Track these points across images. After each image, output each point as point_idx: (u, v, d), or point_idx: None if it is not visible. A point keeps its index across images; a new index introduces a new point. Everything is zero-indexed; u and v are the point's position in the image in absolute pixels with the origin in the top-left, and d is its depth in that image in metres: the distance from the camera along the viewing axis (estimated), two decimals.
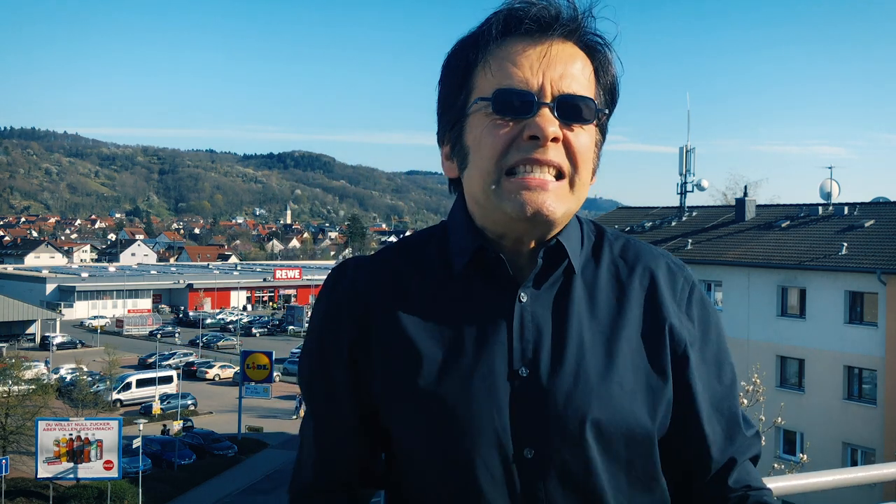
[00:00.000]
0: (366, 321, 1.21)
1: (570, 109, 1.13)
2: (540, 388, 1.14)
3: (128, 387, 45.90)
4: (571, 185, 1.15)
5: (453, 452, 1.14)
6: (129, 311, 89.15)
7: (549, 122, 1.11)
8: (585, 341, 1.17)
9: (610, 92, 1.21)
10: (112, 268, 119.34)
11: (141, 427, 32.04)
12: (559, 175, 1.13)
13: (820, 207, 29.68)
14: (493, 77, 1.14)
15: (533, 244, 1.19)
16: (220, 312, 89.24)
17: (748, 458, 1.26)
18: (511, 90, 1.12)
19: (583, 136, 1.15)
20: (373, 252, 1.33)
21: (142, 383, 46.30)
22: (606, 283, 1.22)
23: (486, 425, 1.13)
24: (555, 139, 1.11)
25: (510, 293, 1.18)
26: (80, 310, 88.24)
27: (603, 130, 1.22)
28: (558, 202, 1.13)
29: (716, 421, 1.23)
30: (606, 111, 1.20)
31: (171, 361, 55.04)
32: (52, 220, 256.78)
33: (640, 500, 1.18)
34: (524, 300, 1.18)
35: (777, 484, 2.20)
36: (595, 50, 1.19)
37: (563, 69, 1.13)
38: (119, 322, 79.41)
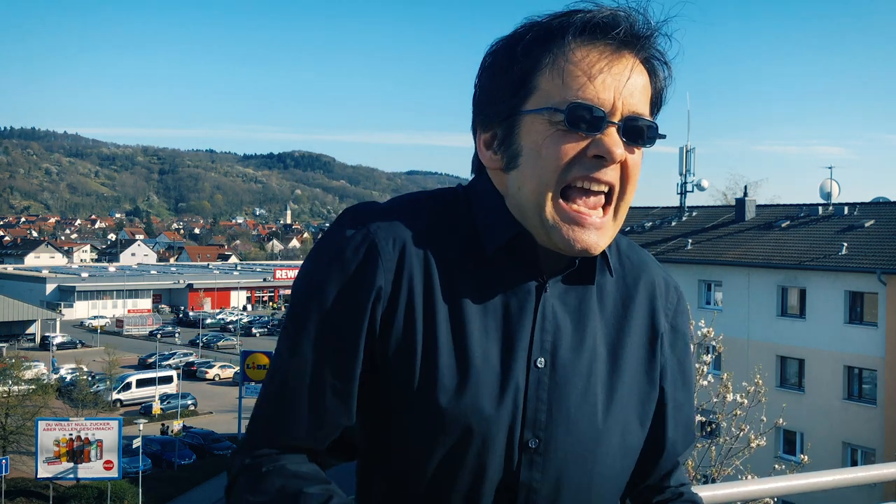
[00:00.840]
0: (398, 280, 1.13)
1: (636, 132, 1.13)
2: (554, 381, 1.16)
3: (128, 387, 45.93)
4: (617, 208, 1.16)
5: (463, 433, 1.12)
6: (129, 311, 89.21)
7: (616, 144, 1.11)
8: (596, 342, 1.20)
9: (658, 106, 1.22)
10: (112, 268, 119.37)
11: (141, 427, 32.05)
12: (609, 193, 1.14)
13: (820, 207, 29.69)
14: (563, 85, 1.11)
15: None
16: (220, 312, 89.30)
17: (686, 459, 1.34)
18: (585, 105, 1.10)
19: (637, 157, 1.16)
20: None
21: (142, 383, 46.33)
22: (614, 285, 1.25)
23: (504, 410, 1.13)
24: (620, 161, 1.13)
25: (537, 284, 1.18)
26: (80, 310, 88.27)
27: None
28: (605, 238, 1.15)
29: (680, 426, 1.30)
30: (663, 134, 1.20)
31: (171, 361, 55.08)
32: (52, 220, 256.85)
33: (621, 495, 1.26)
34: (548, 292, 1.19)
35: (777, 484, 2.20)
36: (656, 67, 1.18)
37: (632, 88, 1.13)
38: (119, 322, 79.46)
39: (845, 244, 25.96)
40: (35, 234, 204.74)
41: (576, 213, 1.12)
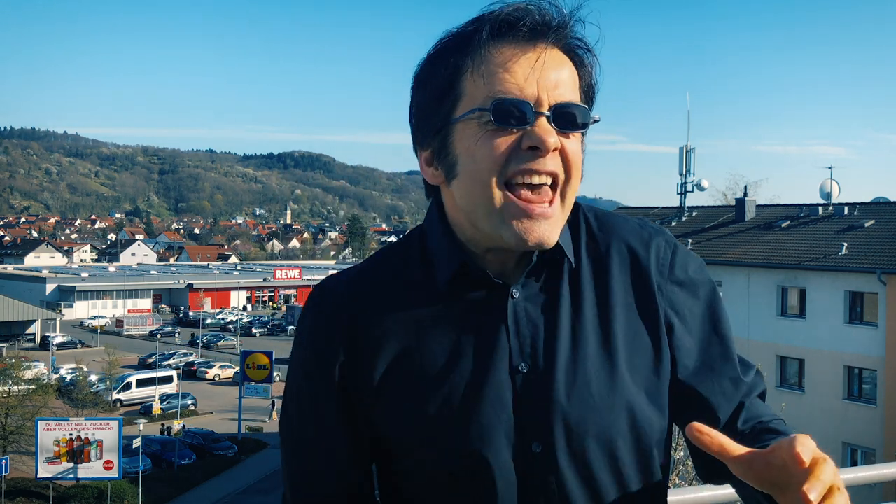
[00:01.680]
0: (354, 337, 1.18)
1: (567, 118, 1.12)
2: (540, 383, 1.14)
3: (128, 387, 45.90)
4: (563, 196, 1.14)
5: (464, 455, 1.12)
6: (129, 311, 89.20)
7: (548, 133, 1.09)
8: (578, 330, 1.16)
9: (591, 94, 1.20)
10: (112, 268, 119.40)
11: (141, 427, 32.05)
12: (553, 183, 1.12)
13: (820, 207, 29.68)
14: (484, 85, 1.11)
15: (518, 255, 1.19)
16: (220, 312, 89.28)
17: (754, 396, 1.24)
18: (509, 100, 1.09)
19: (575, 143, 1.14)
20: (354, 265, 1.29)
21: (142, 383, 46.30)
22: (587, 265, 1.21)
23: (494, 423, 1.12)
24: (554, 149, 1.11)
25: (501, 293, 1.17)
26: (80, 310, 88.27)
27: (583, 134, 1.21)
28: (556, 227, 1.13)
29: (713, 381, 1.21)
30: (597, 117, 1.19)
31: (171, 361, 55.06)
32: (52, 220, 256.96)
33: (647, 481, 1.19)
34: (516, 296, 1.17)
35: None
36: (579, 55, 1.17)
37: (556, 77, 1.12)
38: (119, 322, 79.43)
39: (845, 244, 25.95)
40: (35, 234, 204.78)
41: (524, 205, 1.10)
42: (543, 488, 1.13)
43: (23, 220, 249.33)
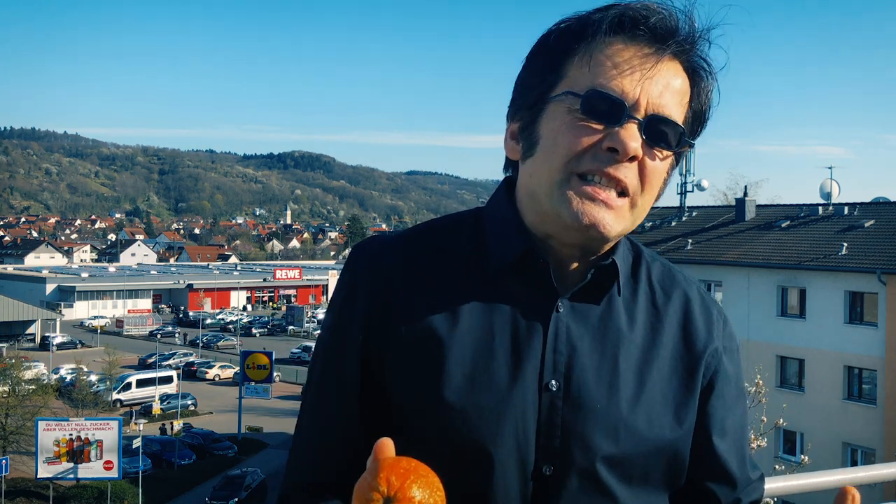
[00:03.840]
0: (387, 304, 1.13)
1: (658, 132, 1.07)
2: (569, 404, 1.09)
3: (128, 387, 45.92)
4: (633, 205, 1.09)
5: (472, 460, 1.08)
6: (129, 311, 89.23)
7: (632, 139, 1.04)
8: (620, 365, 1.12)
9: (700, 118, 1.14)
10: (112, 268, 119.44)
11: (141, 427, 32.06)
12: (623, 192, 1.08)
13: (820, 207, 29.68)
14: (589, 73, 1.07)
15: (577, 255, 1.15)
16: (220, 312, 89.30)
17: (751, 500, 1.22)
18: (605, 94, 1.05)
19: (659, 162, 1.09)
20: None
21: (142, 383, 46.32)
22: (643, 307, 1.18)
23: (509, 436, 1.07)
24: (633, 158, 1.06)
25: (549, 302, 1.12)
26: (80, 310, 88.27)
27: (678, 157, 1.15)
28: (617, 221, 1.08)
29: (733, 453, 1.20)
30: (692, 141, 1.14)
31: (171, 361, 55.07)
32: (52, 220, 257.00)
33: None
34: (561, 311, 1.12)
35: (777, 484, 2.20)
36: (699, 75, 1.12)
37: (663, 88, 1.07)
38: (119, 322, 79.46)
39: (845, 244, 25.96)
40: (35, 234, 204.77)
41: (587, 188, 1.06)
42: None
43: (23, 220, 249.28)
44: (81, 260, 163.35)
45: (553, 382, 1.09)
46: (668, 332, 1.17)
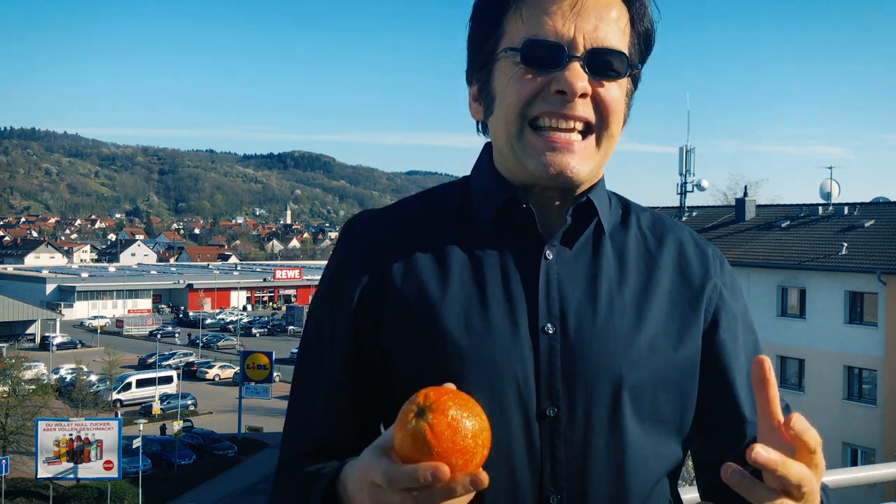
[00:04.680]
0: (381, 269, 1.15)
1: (602, 64, 1.09)
2: (567, 346, 1.10)
3: (128, 387, 45.92)
4: (599, 140, 1.12)
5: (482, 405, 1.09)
6: (129, 311, 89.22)
7: (577, 77, 1.07)
8: (615, 302, 1.13)
9: (645, 40, 1.16)
10: (112, 268, 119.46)
11: (141, 427, 32.06)
12: (586, 129, 1.10)
13: (820, 207, 29.69)
14: (523, 24, 1.10)
15: (559, 201, 1.17)
16: (220, 312, 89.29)
17: None
18: (540, 41, 1.08)
19: (613, 90, 1.11)
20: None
21: (142, 383, 46.31)
22: (635, 250, 1.20)
23: (509, 381, 1.08)
24: (583, 95, 1.08)
25: (536, 249, 1.15)
26: (80, 310, 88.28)
27: (635, 80, 1.17)
28: (583, 163, 1.10)
29: (745, 385, 1.18)
30: (639, 65, 1.16)
31: (171, 361, 55.07)
32: (52, 220, 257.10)
33: (664, 452, 1.14)
34: (550, 257, 1.14)
35: None
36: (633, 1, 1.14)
37: (596, 20, 1.09)
38: (119, 322, 79.46)
39: (845, 244, 25.96)
40: (35, 234, 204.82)
41: (546, 138, 1.09)
42: (551, 453, 1.09)
43: (23, 220, 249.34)
44: (81, 260, 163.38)
45: (549, 326, 1.11)
46: (663, 272, 1.18)
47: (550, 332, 1.11)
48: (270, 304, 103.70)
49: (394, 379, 1.13)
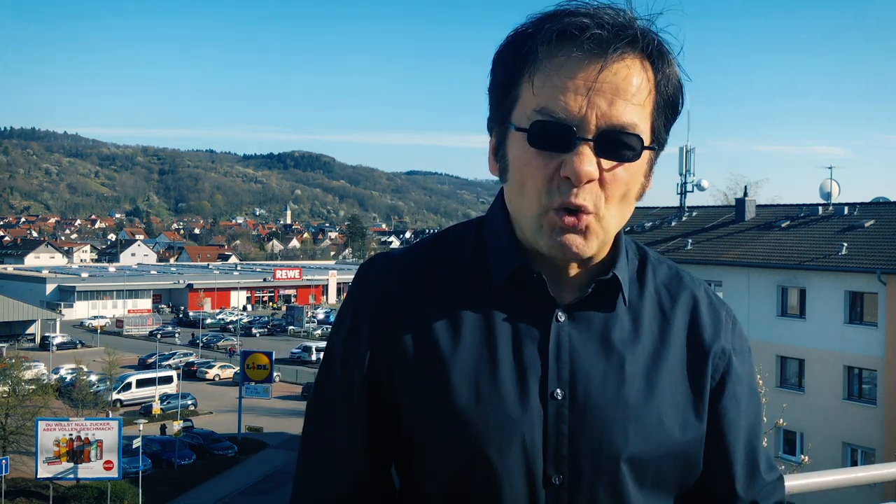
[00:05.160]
0: (392, 323, 1.13)
1: (613, 146, 1.03)
2: (576, 412, 1.08)
3: (128, 387, 45.92)
4: (600, 218, 1.07)
5: (480, 472, 1.08)
6: (129, 311, 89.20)
7: (586, 163, 1.02)
8: (626, 369, 1.11)
9: (671, 106, 1.10)
10: (112, 268, 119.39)
11: (141, 427, 32.05)
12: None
13: (820, 207, 29.68)
14: (534, 96, 1.04)
15: (576, 266, 1.14)
16: (220, 312, 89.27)
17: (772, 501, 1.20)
18: (548, 123, 1.03)
19: (624, 172, 1.06)
20: (389, 249, 1.25)
21: (142, 383, 46.31)
22: (650, 312, 1.16)
23: (517, 446, 1.07)
24: (591, 180, 1.03)
25: (548, 312, 1.12)
26: (80, 310, 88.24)
27: (660, 148, 1.13)
28: (588, 242, 1.07)
29: (743, 456, 1.18)
30: (663, 135, 1.11)
31: (171, 361, 55.05)
32: (52, 220, 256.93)
33: None
34: (561, 320, 1.12)
35: None
36: (656, 65, 1.07)
37: (612, 95, 1.02)
38: (119, 322, 79.43)
39: (845, 244, 25.96)
40: (35, 234, 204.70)
41: (557, 219, 1.06)
42: None
43: (23, 220, 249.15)
44: (81, 260, 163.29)
45: (558, 391, 1.09)
46: (675, 335, 1.16)
47: (559, 397, 1.09)
48: (270, 304, 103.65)
49: (401, 431, 1.13)
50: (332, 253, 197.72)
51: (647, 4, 1.08)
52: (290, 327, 78.05)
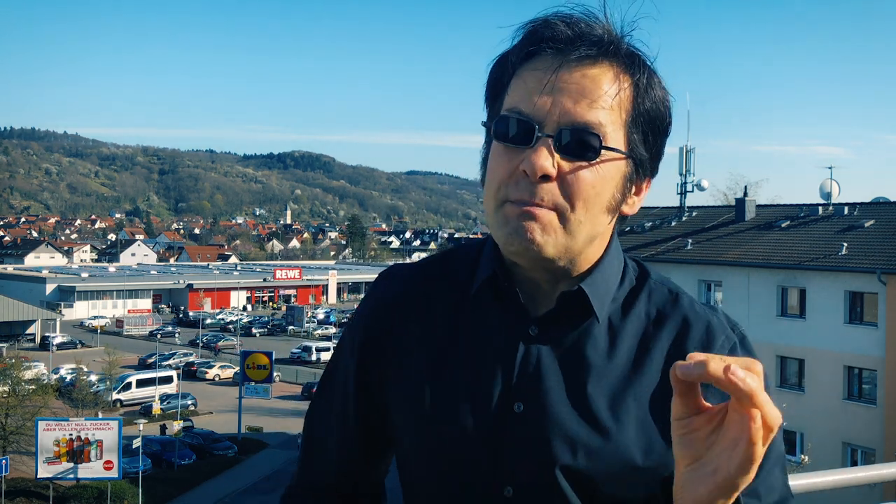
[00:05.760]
0: (384, 327, 1.19)
1: (572, 144, 1.02)
2: (531, 428, 1.08)
3: (128, 387, 45.93)
4: (564, 222, 1.04)
5: (440, 480, 1.12)
6: (129, 311, 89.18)
7: (542, 158, 1.01)
8: (590, 390, 1.09)
9: (651, 120, 1.07)
10: (112, 268, 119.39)
11: (141, 427, 32.06)
12: (555, 209, 1.04)
13: (820, 207, 29.68)
14: (508, 97, 1.06)
15: (552, 280, 1.11)
16: (220, 312, 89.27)
17: None
18: (508, 118, 1.04)
19: (585, 173, 1.03)
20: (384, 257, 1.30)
21: (142, 383, 46.31)
22: (633, 333, 1.12)
23: (471, 458, 1.09)
24: (547, 177, 1.02)
25: (523, 326, 1.11)
26: (80, 310, 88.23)
27: (639, 162, 1.08)
28: (545, 233, 1.03)
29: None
30: (630, 155, 1.07)
31: (171, 361, 55.06)
32: (52, 220, 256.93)
33: None
34: (533, 335, 1.11)
35: None
36: (633, 72, 1.05)
37: (578, 95, 1.02)
38: (119, 322, 79.42)
39: (845, 244, 25.96)
40: (35, 234, 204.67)
41: (514, 208, 1.04)
42: None
43: (23, 220, 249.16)
44: (81, 260, 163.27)
45: (518, 405, 1.09)
46: (654, 359, 1.11)
47: (518, 411, 1.09)
48: (270, 304, 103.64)
49: (388, 430, 1.22)
50: (332, 253, 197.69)
51: (628, 17, 1.08)
52: (290, 327, 78.05)
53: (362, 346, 1.21)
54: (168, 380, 47.35)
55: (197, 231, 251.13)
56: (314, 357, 58.48)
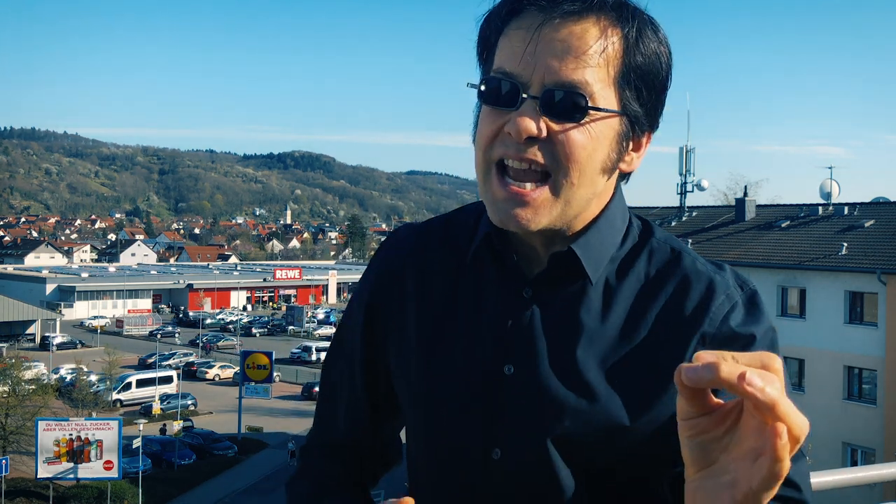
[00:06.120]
0: (388, 287, 1.21)
1: (558, 105, 0.99)
2: (520, 389, 1.07)
3: (128, 387, 45.93)
4: (555, 188, 1.01)
5: (433, 441, 1.14)
6: (129, 311, 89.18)
7: (527, 119, 0.98)
8: (580, 353, 1.06)
9: (645, 75, 1.03)
10: (112, 268, 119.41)
11: (141, 427, 32.06)
12: (544, 174, 1.01)
13: (820, 207, 29.69)
14: (495, 58, 1.04)
15: (542, 240, 1.10)
16: (220, 312, 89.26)
17: None
18: (495, 79, 1.02)
19: (574, 134, 1.00)
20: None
21: (142, 383, 46.32)
22: (628, 294, 1.09)
23: (462, 419, 1.10)
24: (535, 138, 0.99)
25: (516, 287, 1.11)
26: (80, 310, 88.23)
27: (634, 118, 1.04)
28: (537, 214, 1.02)
29: None
30: (622, 113, 1.03)
31: (171, 361, 55.05)
32: (52, 220, 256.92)
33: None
34: (527, 296, 1.10)
35: None
36: (623, 26, 1.01)
37: (563, 54, 0.98)
38: (119, 322, 79.42)
39: (845, 244, 25.97)
40: (35, 234, 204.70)
41: (501, 185, 1.02)
42: (495, 494, 1.09)
43: (23, 220, 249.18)
44: (81, 260, 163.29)
45: (508, 367, 1.09)
46: (650, 320, 1.08)
47: (508, 373, 1.08)
48: (270, 304, 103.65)
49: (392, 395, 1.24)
50: (332, 253, 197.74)
51: None
52: (290, 327, 78.04)
53: (367, 310, 1.22)
54: (168, 380, 47.35)
55: (197, 231, 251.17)
56: (314, 357, 58.46)
